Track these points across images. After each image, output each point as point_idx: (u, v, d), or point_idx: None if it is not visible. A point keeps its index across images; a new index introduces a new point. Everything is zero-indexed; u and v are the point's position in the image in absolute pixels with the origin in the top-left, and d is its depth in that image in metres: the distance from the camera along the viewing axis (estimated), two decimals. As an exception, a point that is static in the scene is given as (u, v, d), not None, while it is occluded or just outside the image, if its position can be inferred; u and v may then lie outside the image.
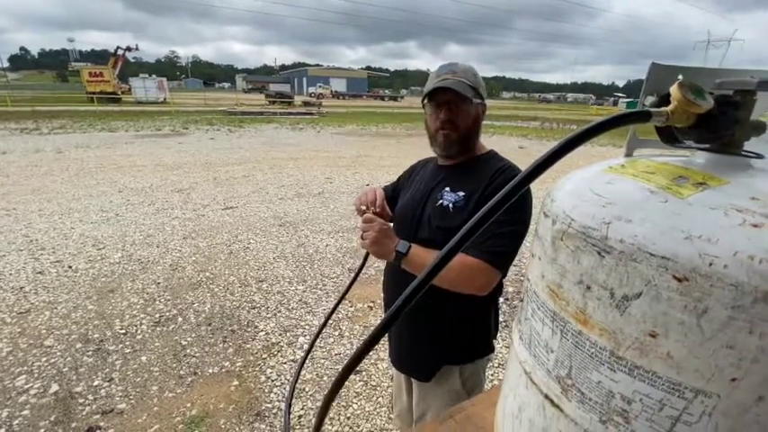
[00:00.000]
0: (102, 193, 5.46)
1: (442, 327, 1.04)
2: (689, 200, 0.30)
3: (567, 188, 0.39)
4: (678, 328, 0.28)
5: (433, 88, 0.99)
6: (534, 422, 0.41)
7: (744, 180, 0.31)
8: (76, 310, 2.66)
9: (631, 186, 0.34)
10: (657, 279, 0.29)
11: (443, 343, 1.06)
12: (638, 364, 0.31)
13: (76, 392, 1.96)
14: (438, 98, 1.01)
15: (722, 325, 0.27)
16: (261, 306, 2.83)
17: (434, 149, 1.09)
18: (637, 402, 0.32)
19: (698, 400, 0.29)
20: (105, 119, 14.86)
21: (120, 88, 27.33)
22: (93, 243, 3.78)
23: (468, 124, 1.02)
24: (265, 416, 1.89)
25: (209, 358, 2.26)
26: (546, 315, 0.39)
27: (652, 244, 0.29)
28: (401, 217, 1.12)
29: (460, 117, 1.00)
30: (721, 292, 0.26)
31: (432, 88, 1.00)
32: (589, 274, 0.33)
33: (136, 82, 27.66)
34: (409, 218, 1.08)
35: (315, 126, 15.61)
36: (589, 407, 0.35)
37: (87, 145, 9.25)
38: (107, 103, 22.99)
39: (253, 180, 6.53)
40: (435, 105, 1.02)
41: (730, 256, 0.26)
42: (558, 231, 0.37)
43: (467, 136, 1.04)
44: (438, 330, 1.05)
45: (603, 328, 0.33)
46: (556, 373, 0.38)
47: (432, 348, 1.08)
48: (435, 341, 1.07)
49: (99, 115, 16.04)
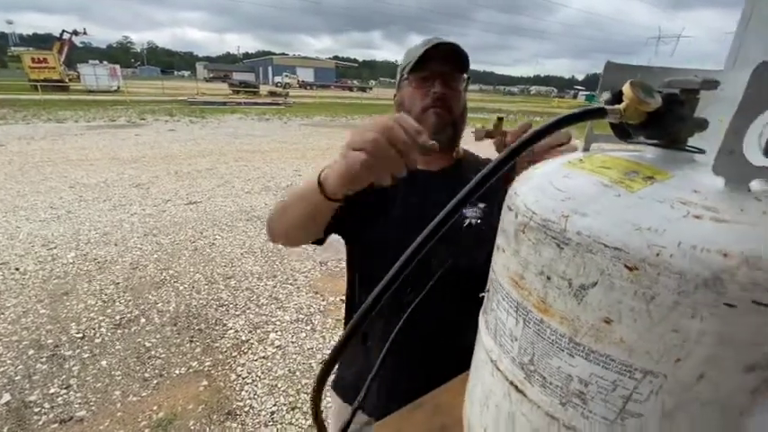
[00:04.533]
0: (50, 189, 5.10)
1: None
2: (639, 193, 0.32)
3: (529, 183, 0.40)
4: (630, 314, 0.30)
5: (424, 51, 0.77)
6: (501, 408, 0.43)
7: (687, 174, 0.33)
8: (27, 315, 2.49)
9: (588, 181, 0.35)
10: (611, 269, 0.30)
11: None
12: (594, 349, 0.33)
13: (31, 401, 1.85)
14: (431, 67, 0.79)
15: (668, 310, 0.29)
16: (229, 303, 2.76)
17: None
18: (593, 384, 0.34)
19: (646, 380, 0.31)
20: (51, 109, 13.82)
21: (67, 76, 25.44)
22: (43, 243, 3.54)
23: (460, 111, 0.85)
24: (237, 414, 1.86)
25: (175, 359, 2.19)
26: (510, 305, 0.40)
27: (606, 236, 0.31)
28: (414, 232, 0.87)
29: (454, 99, 0.82)
30: (667, 280, 0.28)
31: (422, 52, 0.77)
32: (549, 265, 0.35)
33: (85, 69, 25.82)
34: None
35: (282, 117, 15.24)
36: (550, 391, 0.37)
37: (32, 137, 8.58)
38: (53, 92, 21.33)
39: (217, 173, 6.31)
40: (423, 78, 0.81)
41: (675, 247, 0.28)
42: (521, 224, 0.38)
43: (458, 127, 0.86)
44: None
45: (563, 316, 0.34)
46: (519, 361, 0.39)
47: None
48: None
49: (44, 105, 14.89)
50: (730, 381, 0.30)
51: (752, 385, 0.31)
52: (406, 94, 0.85)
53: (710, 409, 0.31)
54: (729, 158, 0.30)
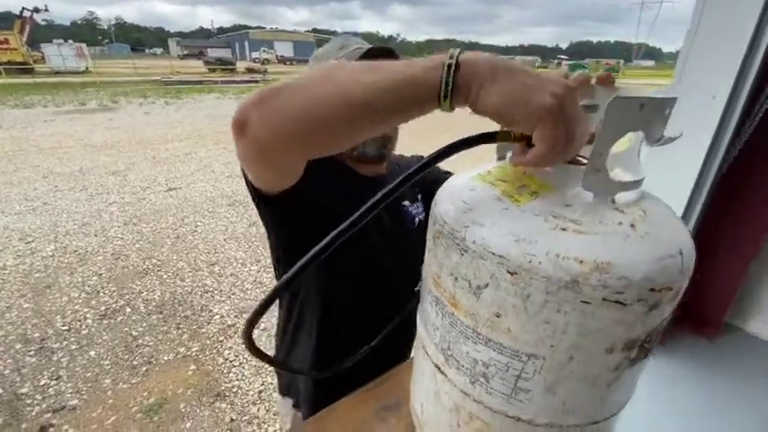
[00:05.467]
0: (23, 180, 4.97)
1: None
2: (523, 207, 0.37)
3: (445, 193, 0.45)
4: (513, 309, 0.36)
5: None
6: (429, 386, 0.50)
7: (567, 187, 0.39)
8: (10, 310, 2.50)
9: (487, 194, 0.40)
10: (497, 273, 0.36)
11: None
12: (491, 338, 0.39)
13: (22, 393, 1.90)
14: None
15: (540, 307, 0.35)
16: (214, 290, 2.81)
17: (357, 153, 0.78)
18: (492, 366, 0.40)
19: (530, 362, 0.38)
20: (17, 93, 13.17)
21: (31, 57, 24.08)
22: (20, 236, 3.49)
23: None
24: (226, 395, 1.95)
25: (163, 346, 2.25)
26: (432, 299, 0.46)
27: (493, 245, 0.36)
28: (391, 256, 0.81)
29: None
30: (538, 283, 0.34)
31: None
32: (456, 267, 0.40)
33: (50, 49, 24.43)
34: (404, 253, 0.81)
35: (261, 95, 14.84)
36: (462, 372, 0.43)
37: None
38: (17, 75, 20.25)
39: (196, 157, 6.20)
40: None
41: (544, 255, 0.34)
42: (437, 231, 0.44)
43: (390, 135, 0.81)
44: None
45: (467, 311, 0.40)
46: (441, 347, 0.46)
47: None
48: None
49: (9, 89, 14.17)
50: (594, 361, 0.37)
51: (613, 364, 0.37)
52: None
53: (583, 383, 0.38)
54: (596, 177, 0.35)
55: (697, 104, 1.17)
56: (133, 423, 1.77)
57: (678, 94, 1.22)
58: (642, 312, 0.34)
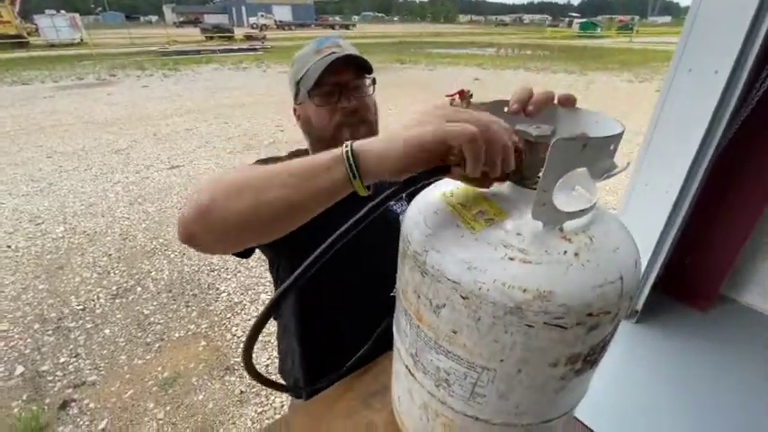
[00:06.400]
0: (28, 160, 5.02)
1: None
2: (477, 235, 0.40)
3: (413, 212, 0.48)
4: (467, 328, 0.40)
5: (324, 68, 0.73)
6: (403, 383, 0.55)
7: (520, 215, 0.41)
8: (26, 291, 2.61)
9: (447, 218, 0.43)
10: (452, 296, 0.39)
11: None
12: (450, 350, 0.43)
13: (44, 371, 2.02)
14: (333, 79, 0.75)
15: (489, 327, 0.38)
16: (220, 268, 2.90)
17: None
18: (452, 374, 0.44)
19: (484, 373, 0.41)
20: (14, 68, 12.99)
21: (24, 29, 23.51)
22: (30, 218, 3.57)
23: (374, 117, 0.82)
24: (235, 369, 2.06)
25: (173, 323, 2.36)
26: (402, 310, 0.50)
27: (449, 271, 0.39)
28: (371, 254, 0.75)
29: (365, 107, 0.79)
30: (487, 307, 0.37)
31: (323, 69, 0.73)
32: (419, 286, 0.44)
33: (43, 20, 23.76)
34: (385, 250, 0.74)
35: (260, 64, 14.50)
36: (428, 376, 0.47)
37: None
38: (13, 49, 19.86)
39: (197, 133, 6.18)
40: (327, 94, 0.77)
41: (492, 283, 0.37)
42: (404, 250, 0.47)
43: (373, 130, 0.81)
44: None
45: (429, 325, 0.44)
46: (410, 352, 0.50)
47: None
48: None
49: (5, 64, 13.97)
50: (540, 373, 0.41)
51: (559, 375, 0.41)
52: (311, 112, 0.80)
53: (532, 390, 0.42)
54: (543, 209, 0.38)
55: (699, 79, 1.16)
56: (150, 396, 1.90)
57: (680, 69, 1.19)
58: (582, 333, 0.38)
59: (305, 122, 0.83)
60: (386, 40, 28.40)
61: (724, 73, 1.11)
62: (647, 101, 7.54)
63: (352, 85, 0.78)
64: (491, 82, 10.88)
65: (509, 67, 14.30)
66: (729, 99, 1.14)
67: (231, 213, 0.45)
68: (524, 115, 0.42)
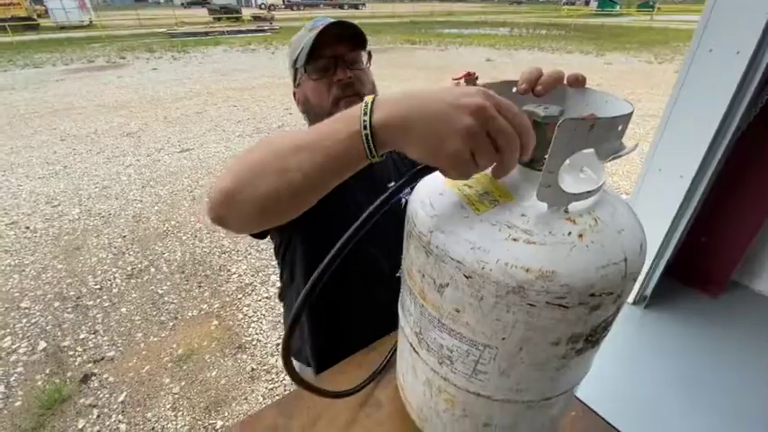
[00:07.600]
0: (42, 143, 5.10)
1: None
2: (481, 216, 0.40)
3: (418, 194, 0.48)
4: (470, 307, 0.40)
5: (314, 40, 0.71)
6: (408, 360, 0.56)
7: (525, 197, 0.41)
8: (46, 271, 2.70)
9: (452, 200, 0.43)
10: (456, 276, 0.40)
11: None
12: (453, 328, 0.44)
13: (65, 346, 2.11)
14: (327, 53, 0.75)
15: (492, 307, 0.39)
16: (231, 250, 2.95)
17: None
18: (455, 351, 0.45)
19: (486, 351, 0.42)
20: (25, 51, 13.07)
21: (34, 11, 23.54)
22: (47, 200, 3.66)
23: (370, 90, 0.80)
24: (246, 347, 2.12)
25: (187, 303, 2.43)
26: (407, 289, 0.51)
27: (453, 251, 0.40)
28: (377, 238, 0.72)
29: (362, 80, 0.78)
30: (489, 286, 0.38)
31: (313, 40, 0.72)
32: (423, 266, 0.44)
33: (52, 2, 23.70)
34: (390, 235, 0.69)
35: (269, 46, 14.33)
36: (432, 353, 0.49)
37: (12, 86, 8.27)
38: (23, 32, 19.93)
39: (207, 116, 6.19)
40: (323, 68, 0.76)
41: (495, 263, 0.37)
42: (409, 231, 0.47)
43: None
44: None
45: (433, 304, 0.45)
46: (414, 330, 0.51)
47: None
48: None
49: (17, 47, 14.05)
50: (541, 351, 0.41)
51: (560, 354, 0.42)
52: (308, 89, 0.78)
53: (533, 368, 0.43)
54: (548, 190, 0.38)
55: (720, 60, 1.12)
56: (165, 371, 1.97)
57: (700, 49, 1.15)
58: (584, 313, 0.38)
59: (304, 103, 0.82)
60: (396, 20, 27.74)
61: (746, 53, 1.07)
62: (666, 83, 7.30)
63: (348, 57, 0.77)
64: (502, 61, 10.62)
65: (522, 47, 13.91)
66: (751, 81, 1.10)
67: (254, 197, 0.46)
68: (533, 95, 0.42)
